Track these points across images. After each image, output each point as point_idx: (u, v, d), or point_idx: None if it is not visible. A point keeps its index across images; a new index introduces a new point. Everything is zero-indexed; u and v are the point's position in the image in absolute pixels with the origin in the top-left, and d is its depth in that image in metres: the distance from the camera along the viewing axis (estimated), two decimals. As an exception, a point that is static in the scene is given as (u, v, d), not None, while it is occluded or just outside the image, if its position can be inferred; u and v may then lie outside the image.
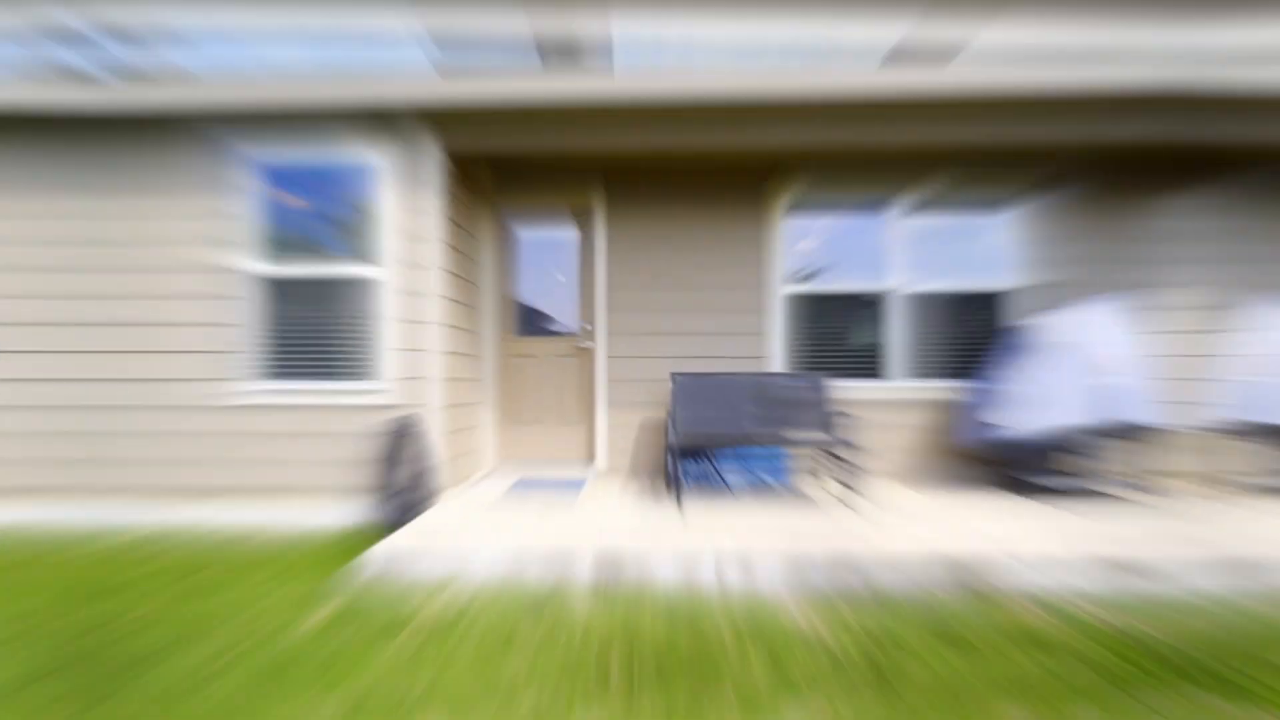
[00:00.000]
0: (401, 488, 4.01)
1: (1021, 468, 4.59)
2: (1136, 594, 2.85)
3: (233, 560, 3.43)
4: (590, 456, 5.04)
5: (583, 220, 5.07)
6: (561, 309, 5.14)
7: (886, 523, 3.52)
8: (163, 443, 4.11)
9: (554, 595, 2.85)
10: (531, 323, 5.16)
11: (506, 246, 5.12)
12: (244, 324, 4.10)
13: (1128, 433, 4.35)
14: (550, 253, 5.15)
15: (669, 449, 4.30)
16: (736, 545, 3.07)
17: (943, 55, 4.44)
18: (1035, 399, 4.09)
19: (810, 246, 5.02)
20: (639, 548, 3.04)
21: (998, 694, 2.06)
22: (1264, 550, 2.97)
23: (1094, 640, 2.41)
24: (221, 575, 3.20)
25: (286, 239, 4.15)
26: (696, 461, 4.63)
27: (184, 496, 4.13)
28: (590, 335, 5.04)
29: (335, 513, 4.09)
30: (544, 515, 3.71)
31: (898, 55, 4.74)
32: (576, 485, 4.57)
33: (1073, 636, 2.44)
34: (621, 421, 4.96)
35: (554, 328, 5.14)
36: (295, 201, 4.15)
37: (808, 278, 5.00)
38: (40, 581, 3.08)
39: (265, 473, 4.09)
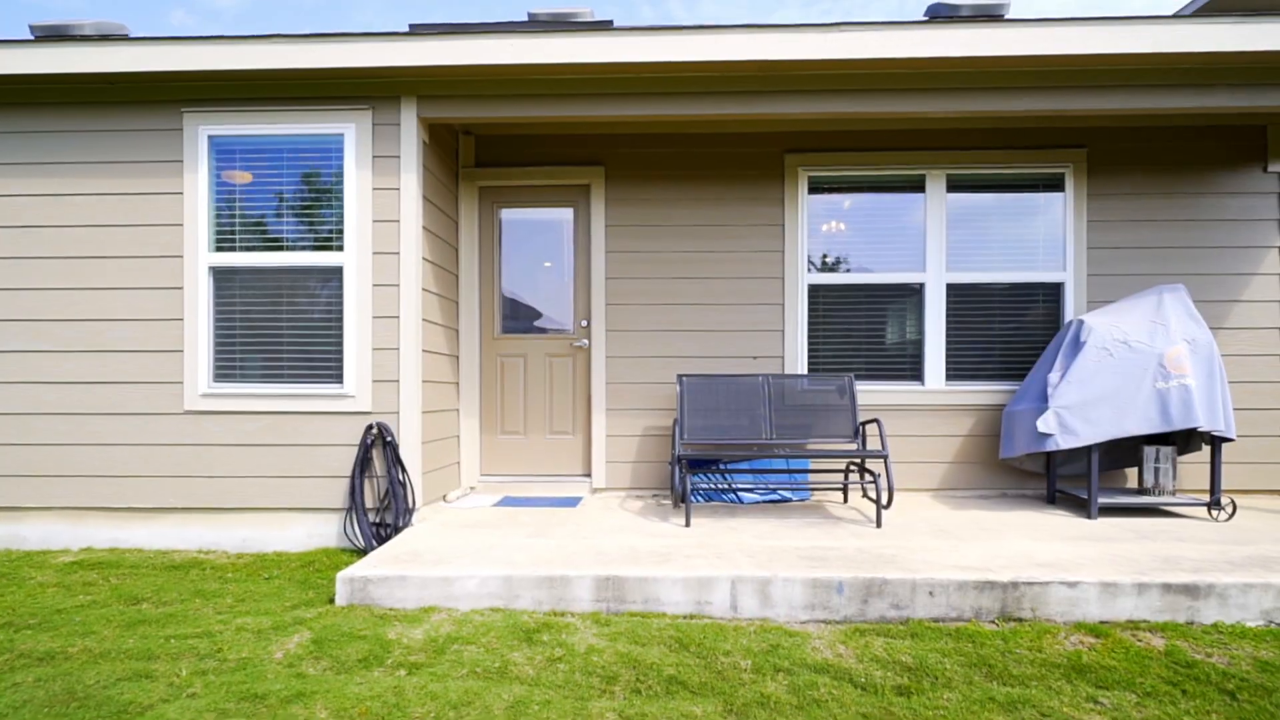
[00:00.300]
0: (373, 505, 4.08)
1: (1073, 474, 4.67)
2: (1189, 625, 2.93)
3: (184, 587, 3.49)
4: (586, 470, 5.11)
5: (578, 201, 5.14)
6: (554, 303, 5.21)
7: (920, 541, 3.60)
8: (98, 453, 4.17)
9: (548, 623, 2.92)
10: (519, 318, 5.23)
11: (490, 231, 5.18)
12: (192, 318, 4.16)
13: (1190, 441, 4.43)
14: (540, 238, 5.22)
15: (675, 460, 4.38)
16: (753, 569, 3.14)
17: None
18: (1088, 403, 4.17)
19: (837, 230, 5.09)
20: (640, 573, 3.12)
21: None
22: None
23: (1147, 669, 2.49)
24: (173, 603, 3.26)
25: (242, 223, 4.21)
26: (707, 474, 4.70)
27: (126, 513, 4.19)
28: (586, 332, 5.11)
29: (296, 532, 4.15)
30: (535, 536, 3.78)
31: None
32: (570, 503, 4.64)
33: (1128, 667, 2.52)
34: (621, 429, 5.03)
35: (545, 324, 5.21)
36: (246, 179, 4.21)
37: (833, 266, 5.08)
38: (-33, 611, 3.14)
39: (217, 487, 4.15)
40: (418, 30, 3.97)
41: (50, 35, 4.43)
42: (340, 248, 4.14)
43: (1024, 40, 3.81)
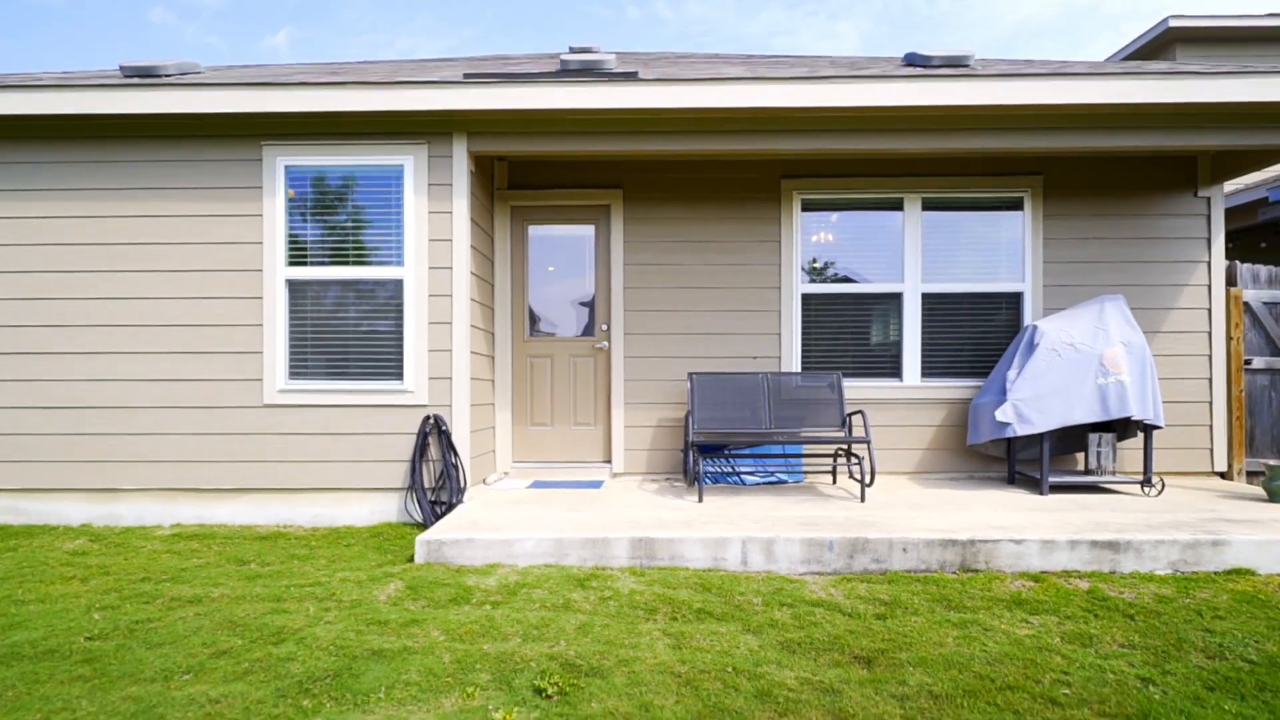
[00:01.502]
0: (430, 485, 4.73)
1: (1029, 458, 5.39)
2: (1114, 573, 3.64)
3: (278, 552, 4.12)
4: (607, 457, 5.78)
5: (599, 219, 5.80)
6: (577, 310, 5.87)
7: (898, 513, 4.30)
8: (189, 441, 4.79)
9: (595, 574, 3.58)
10: (546, 323, 5.88)
11: (521, 245, 5.83)
12: (270, 324, 4.79)
13: (1128, 429, 5.17)
14: (565, 252, 5.88)
15: (688, 446, 5.04)
16: (759, 531, 3.82)
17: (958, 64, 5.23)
18: (1040, 396, 4.89)
19: (826, 245, 5.79)
20: (667, 535, 3.79)
21: (990, 656, 2.82)
22: (1219, 529, 3.78)
23: (1079, 616, 3.19)
24: (275, 563, 3.90)
25: (313, 241, 4.84)
26: (714, 459, 5.38)
27: (212, 493, 4.81)
28: (606, 335, 5.77)
29: (361, 509, 4.79)
30: (571, 510, 4.44)
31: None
32: (595, 485, 5.31)
33: (1048, 625, 3.22)
34: (638, 422, 5.71)
35: (569, 329, 5.87)
36: (324, 206, 4.85)
37: (824, 277, 5.78)
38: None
39: (292, 471, 4.78)
40: (471, 78, 4.62)
41: (139, 73, 5.04)
42: (400, 263, 4.78)
43: (984, 92, 4.52)
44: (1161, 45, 9.93)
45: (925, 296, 5.68)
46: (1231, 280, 5.70)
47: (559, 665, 2.56)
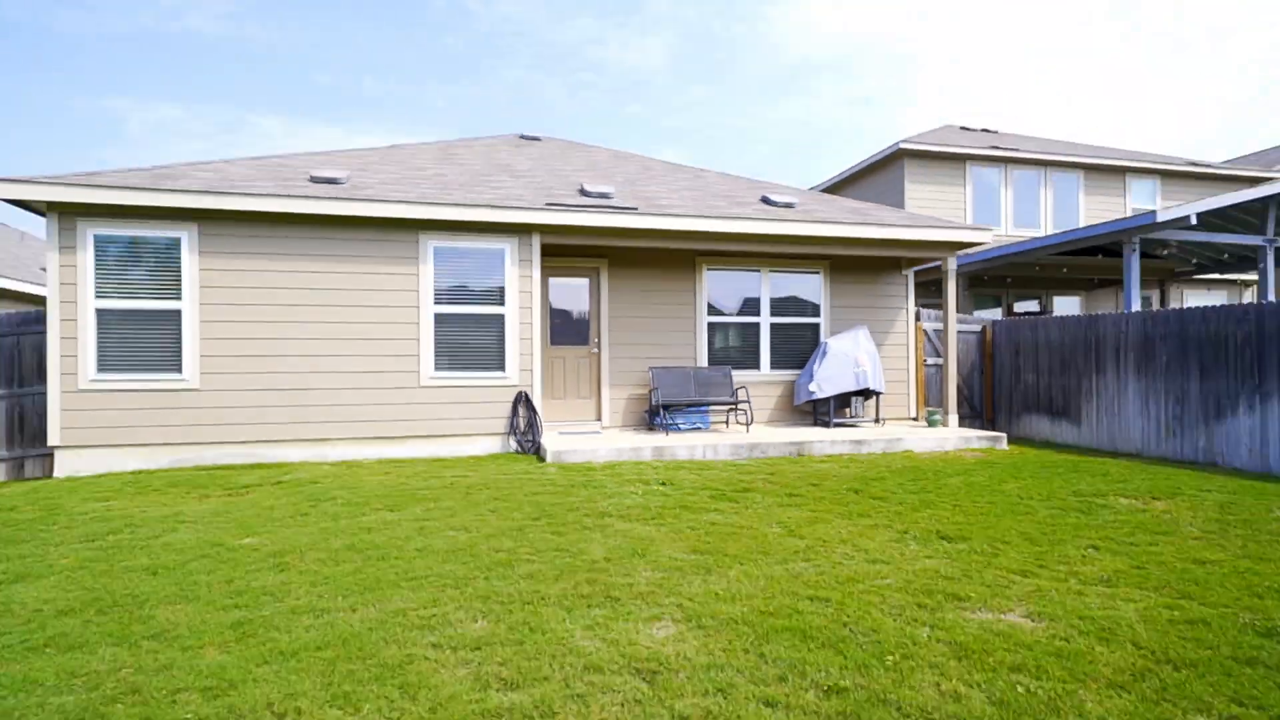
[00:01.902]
0: (524, 430, 8.47)
1: (824, 412, 10.21)
2: (858, 454, 8.39)
3: (451, 469, 7.66)
4: (598, 417, 9.76)
5: (593, 275, 9.75)
6: (579, 330, 9.77)
7: (766, 435, 8.79)
8: (374, 409, 8.08)
9: (640, 462, 7.64)
10: (560, 336, 9.71)
11: (545, 289, 9.60)
12: (426, 338, 8.21)
13: (869, 395, 10.15)
14: (571, 294, 9.74)
15: (651, 408, 9.21)
16: (706, 444, 8.09)
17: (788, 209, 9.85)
18: (827, 377, 9.66)
19: (719, 294, 10.22)
20: (667, 443, 7.94)
21: (791, 489, 7.27)
22: (901, 438, 8.69)
23: (839, 467, 7.82)
24: (456, 468, 7.47)
25: (450, 289, 8.33)
26: (663, 415, 9.58)
27: (388, 440, 8.14)
28: (598, 345, 9.74)
29: (477, 447, 8.39)
30: (602, 441, 8.42)
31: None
32: (596, 432, 9.29)
33: (835, 468, 7.83)
34: (616, 396, 9.75)
35: (574, 341, 9.74)
36: (456, 270, 8.35)
37: (717, 312, 10.20)
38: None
39: (436, 425, 8.25)
40: (550, 206, 8.37)
41: (325, 181, 8.18)
42: (503, 304, 8.43)
43: (796, 227, 9.14)
44: (893, 159, 15.66)
45: (772, 325, 10.31)
46: (917, 318, 10.95)
47: (658, 480, 6.65)
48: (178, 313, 7.61)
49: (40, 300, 14.84)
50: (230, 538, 4.64)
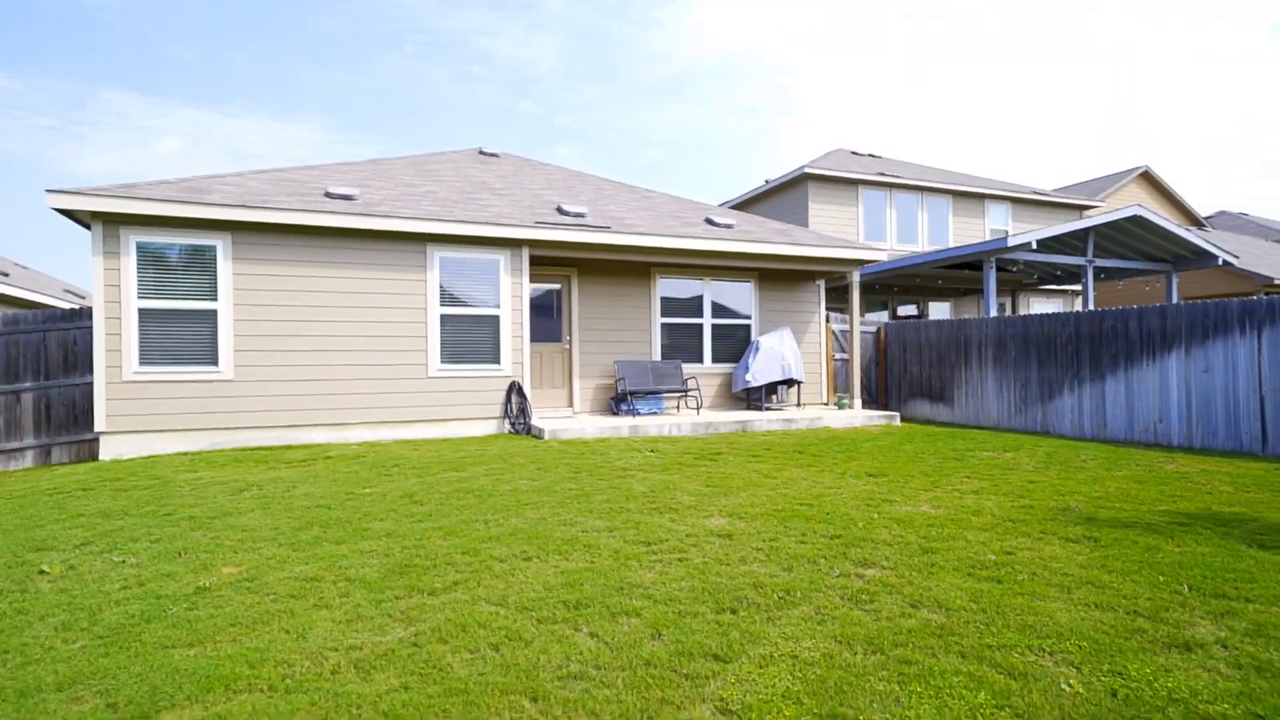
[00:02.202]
0: (516, 414, 9.95)
1: (756, 399, 12.29)
2: (790, 429, 10.48)
3: (457, 448, 9.05)
4: (570, 404, 11.34)
5: (565, 281, 11.32)
6: (553, 328, 11.31)
7: (713, 416, 10.71)
8: (387, 396, 9.31)
9: (621, 438, 9.32)
10: (539, 335, 11.21)
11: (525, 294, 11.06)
12: (432, 335, 9.52)
13: (791, 384, 12.35)
14: (547, 298, 11.27)
15: (617, 395, 10.92)
16: (671, 423, 9.90)
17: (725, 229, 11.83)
18: (759, 370, 11.73)
19: (669, 299, 12.07)
20: (640, 424, 9.68)
21: (752, 452, 9.22)
22: (820, 417, 10.87)
23: (779, 438, 9.85)
24: (465, 446, 8.88)
25: (453, 293, 9.67)
26: (626, 402, 11.30)
27: (398, 424, 9.38)
28: (569, 341, 11.33)
29: (477, 428, 9.79)
30: (582, 422, 10.05)
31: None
32: (570, 416, 10.88)
33: (777, 439, 9.85)
34: (585, 386, 11.38)
35: (549, 338, 11.27)
36: (458, 276, 9.70)
37: (669, 313, 12.05)
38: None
39: (441, 411, 9.58)
40: (538, 224, 9.88)
41: (338, 197, 9.33)
42: (498, 306, 9.87)
43: (733, 245, 11.14)
44: (799, 181, 18.16)
45: (713, 326, 12.28)
46: (828, 320, 13.26)
47: (647, 449, 8.38)
48: (214, 312, 8.55)
49: (16, 302, 14.61)
50: (350, 490, 5.96)
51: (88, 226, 8.35)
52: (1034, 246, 13.46)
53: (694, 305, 12.25)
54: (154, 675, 2.58)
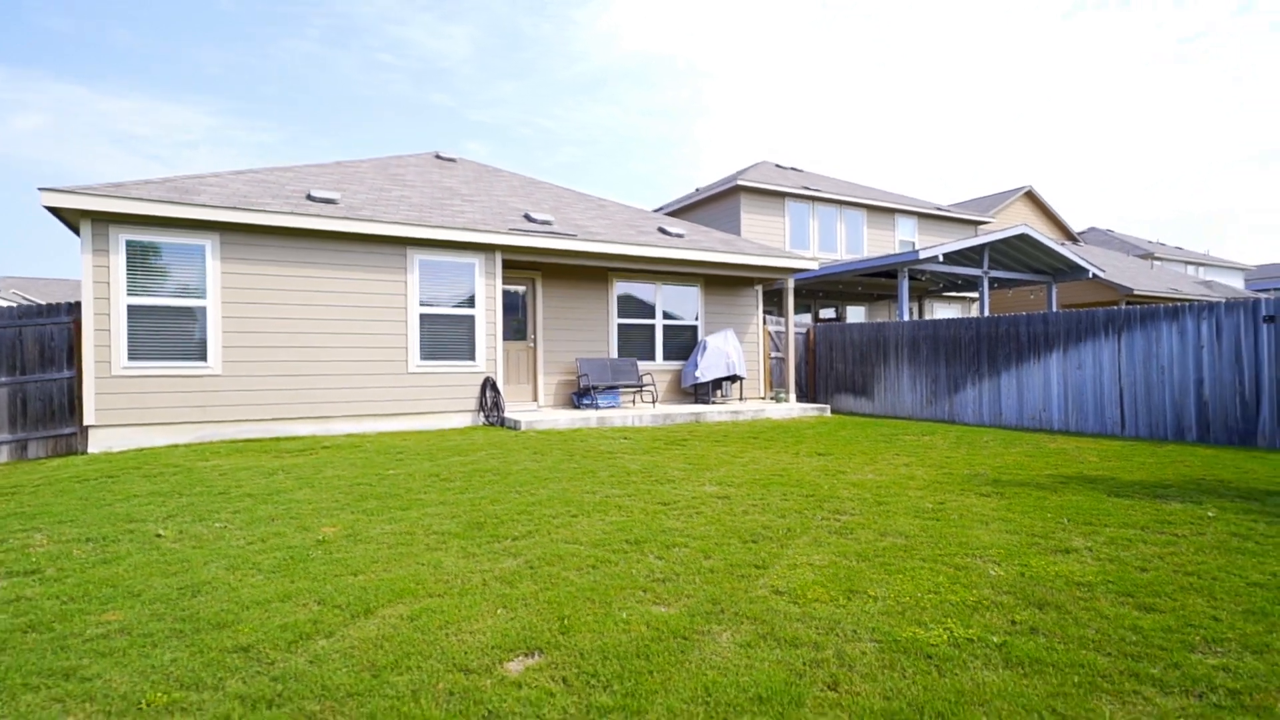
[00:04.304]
0: (490, 408, 10.73)
1: (704, 393, 13.53)
2: (738, 420, 11.74)
3: (440, 440, 9.76)
4: (535, 399, 12.18)
5: (530, 283, 12.15)
6: (520, 328, 12.12)
7: (668, 409, 11.84)
8: (368, 391, 9.89)
9: (590, 427, 10.28)
10: (508, 334, 11.98)
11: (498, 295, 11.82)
12: (412, 333, 10.16)
13: (735, 380, 13.67)
14: (512, 299, 12.07)
15: (579, 390, 11.88)
16: (634, 414, 10.94)
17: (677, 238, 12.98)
18: (707, 367, 12.95)
19: (625, 301, 13.11)
20: (605, 416, 10.67)
21: (713, 438, 10.40)
22: (762, 409, 12.20)
23: (731, 427, 11.07)
24: (456, 437, 9.63)
25: (431, 294, 10.34)
26: (588, 396, 12.24)
27: (379, 416, 9.98)
28: (534, 339, 12.17)
29: (455, 420, 10.51)
30: (550, 414, 10.94)
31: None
32: (535, 409, 11.75)
33: (729, 428, 11.07)
34: (549, 381, 12.25)
35: (516, 337, 12.07)
36: (436, 277, 10.38)
37: (624, 315, 13.09)
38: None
39: (420, 405, 10.24)
40: (511, 230, 10.68)
41: (323, 201, 9.84)
42: (473, 306, 10.61)
43: (682, 253, 12.32)
44: (732, 192, 19.62)
45: (664, 326, 13.41)
46: (765, 322, 14.67)
47: (618, 437, 9.40)
48: (203, 309, 8.92)
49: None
50: (377, 471, 6.67)
51: (74, 229, 8.55)
52: (941, 259, 15.35)
53: (647, 308, 13.34)
54: (348, 590, 3.40)
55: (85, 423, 8.37)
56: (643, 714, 2.31)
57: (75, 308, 8.64)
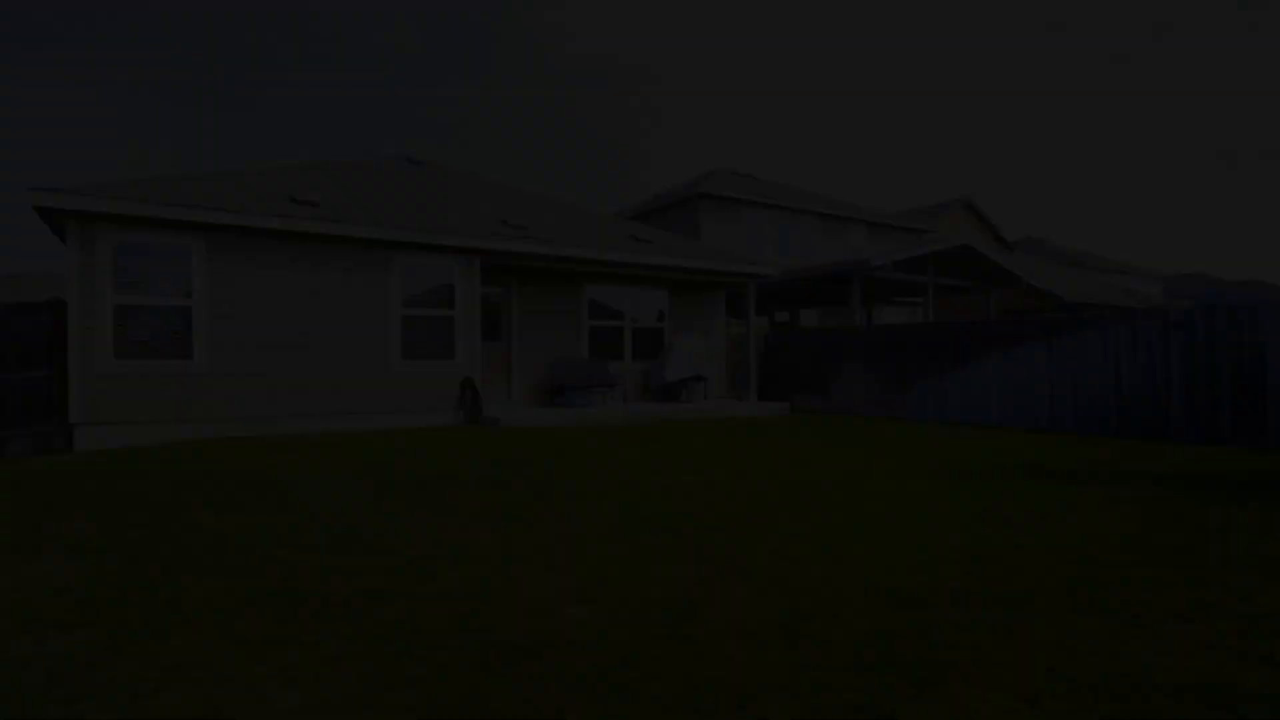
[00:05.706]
0: (469, 407, 11.14)
1: (671, 392, 14.19)
2: (707, 417, 12.42)
3: (420, 437, 10.14)
4: (510, 397, 12.61)
5: (506, 288, 12.58)
6: (498, 330, 12.53)
7: (639, 407, 12.44)
8: (348, 390, 10.19)
9: (571, 426, 10.79)
10: (486, 336, 12.37)
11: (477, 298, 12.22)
12: (393, 333, 10.49)
13: (700, 380, 14.38)
14: (491, 304, 12.48)
15: (552, 389, 12.38)
16: (608, 411, 11.50)
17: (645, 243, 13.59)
18: (675, 367, 13.61)
19: (597, 305, 13.66)
20: (581, 413, 11.20)
21: (693, 430, 11.03)
22: (726, 407, 12.92)
23: (702, 424, 11.74)
24: (425, 436, 10.01)
25: (413, 295, 10.68)
26: (563, 395, 12.74)
27: (362, 414, 10.28)
28: (509, 342, 12.60)
29: (435, 419, 10.88)
30: (526, 412, 11.42)
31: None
32: (512, 408, 12.19)
33: (700, 424, 11.72)
34: (523, 382, 12.71)
35: (494, 338, 12.48)
36: (419, 279, 10.73)
37: (598, 318, 13.64)
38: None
39: (401, 403, 10.58)
40: (492, 236, 11.10)
41: (305, 202, 10.11)
42: (453, 308, 11.00)
43: (651, 257, 12.96)
44: (694, 199, 20.38)
45: (634, 329, 14.01)
46: (728, 324, 15.40)
47: (588, 432, 9.94)
48: (189, 309, 9.10)
49: None
50: (376, 474, 7.06)
51: (56, 228, 8.64)
52: (891, 266, 16.40)
53: (618, 311, 13.92)
54: (407, 560, 3.89)
55: (73, 419, 8.48)
56: (688, 639, 2.90)
57: (58, 305, 8.73)
